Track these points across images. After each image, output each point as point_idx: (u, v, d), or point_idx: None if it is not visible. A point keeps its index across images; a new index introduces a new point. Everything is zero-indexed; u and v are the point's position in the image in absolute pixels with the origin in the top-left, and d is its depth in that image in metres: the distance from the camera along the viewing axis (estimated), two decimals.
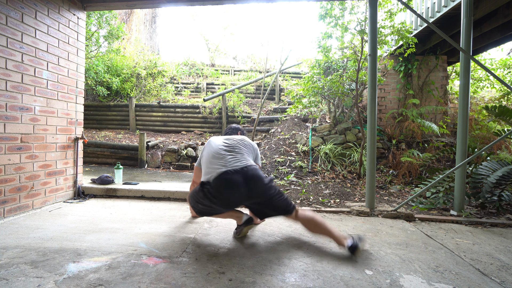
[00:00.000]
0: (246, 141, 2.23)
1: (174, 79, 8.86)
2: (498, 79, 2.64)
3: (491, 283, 1.52)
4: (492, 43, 4.73)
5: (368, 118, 2.88)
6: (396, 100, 5.41)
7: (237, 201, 1.93)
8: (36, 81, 2.67)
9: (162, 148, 5.39)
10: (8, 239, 1.94)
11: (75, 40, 3.16)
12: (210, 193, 1.89)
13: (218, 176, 1.88)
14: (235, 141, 2.16)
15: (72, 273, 1.50)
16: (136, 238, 2.01)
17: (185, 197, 3.16)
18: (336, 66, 4.94)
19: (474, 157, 2.71)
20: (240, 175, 1.87)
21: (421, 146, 4.77)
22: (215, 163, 1.97)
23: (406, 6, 2.78)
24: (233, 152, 2.03)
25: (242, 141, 2.20)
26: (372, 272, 1.60)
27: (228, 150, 2.05)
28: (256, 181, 1.88)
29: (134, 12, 10.36)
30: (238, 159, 1.98)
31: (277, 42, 21.00)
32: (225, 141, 2.15)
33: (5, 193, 2.40)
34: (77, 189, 3.19)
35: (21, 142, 2.53)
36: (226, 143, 2.12)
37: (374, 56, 2.85)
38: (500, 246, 2.07)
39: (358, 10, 3.98)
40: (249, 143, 2.22)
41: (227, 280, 1.47)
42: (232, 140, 2.16)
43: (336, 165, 4.33)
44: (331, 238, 1.89)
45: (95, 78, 6.70)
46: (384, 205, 2.96)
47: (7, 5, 2.36)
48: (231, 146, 2.09)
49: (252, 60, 12.07)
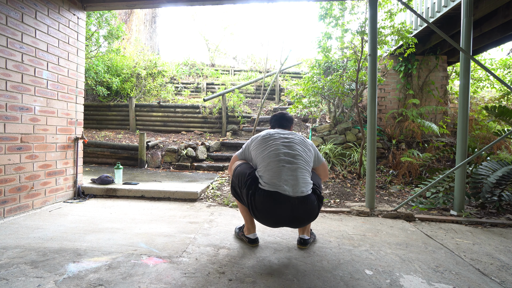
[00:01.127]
0: (306, 142, 1.93)
1: (174, 79, 8.86)
2: (498, 79, 2.64)
3: (491, 283, 1.52)
4: (492, 43, 4.73)
5: (368, 118, 2.88)
6: (396, 100, 5.41)
7: (270, 222, 1.76)
8: (36, 81, 2.66)
9: (162, 148, 5.39)
10: (8, 239, 1.94)
11: (75, 40, 3.16)
12: (253, 195, 1.72)
13: (268, 192, 1.67)
14: (295, 143, 1.84)
15: (72, 273, 1.50)
16: (136, 238, 2.01)
17: (185, 197, 3.17)
18: (336, 66, 4.94)
19: (474, 157, 2.71)
20: (290, 205, 1.66)
21: (421, 146, 4.77)
22: (272, 170, 1.73)
23: (406, 6, 2.78)
24: (290, 163, 1.74)
25: (302, 144, 1.88)
26: (372, 272, 1.60)
27: (286, 160, 1.75)
28: (305, 214, 1.71)
29: (134, 12, 10.36)
30: (295, 177, 1.70)
31: (277, 42, 21.01)
32: (285, 143, 1.83)
33: (5, 193, 2.40)
34: (77, 189, 3.19)
35: (21, 142, 2.53)
36: (286, 146, 1.81)
37: (374, 56, 2.85)
38: (500, 246, 2.07)
39: (358, 10, 3.98)
40: (309, 145, 1.93)
41: (227, 280, 1.47)
42: (292, 142, 1.84)
43: (336, 165, 4.33)
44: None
45: (95, 78, 6.69)
46: (384, 205, 2.96)
47: (7, 5, 2.36)
48: (290, 155, 1.77)
49: (252, 60, 12.07)
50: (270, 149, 1.80)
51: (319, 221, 2.54)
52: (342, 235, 2.21)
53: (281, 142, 1.83)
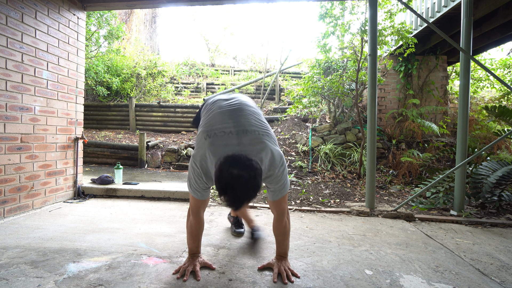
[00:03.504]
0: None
1: (174, 79, 8.85)
2: (498, 79, 2.64)
3: (491, 283, 1.52)
4: (492, 43, 4.73)
5: (368, 118, 2.88)
6: (396, 100, 5.41)
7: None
8: (36, 81, 2.66)
9: (162, 148, 5.39)
10: (8, 239, 1.94)
11: (75, 40, 3.16)
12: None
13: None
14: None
15: (72, 273, 1.50)
16: (136, 238, 2.01)
17: (185, 197, 3.16)
18: (336, 66, 4.94)
19: (474, 157, 2.71)
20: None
21: (421, 146, 4.77)
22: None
23: (406, 6, 2.78)
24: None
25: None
26: (372, 272, 1.60)
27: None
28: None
29: (134, 12, 10.35)
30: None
31: (277, 42, 21.03)
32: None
33: (5, 193, 2.40)
34: (77, 189, 3.19)
35: (21, 142, 2.53)
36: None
37: (374, 56, 2.85)
38: (500, 246, 2.07)
39: (358, 10, 3.98)
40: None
41: (227, 280, 1.47)
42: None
43: (336, 165, 4.33)
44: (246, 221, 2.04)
45: (95, 78, 6.69)
46: (384, 205, 2.96)
47: (7, 5, 2.36)
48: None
49: (252, 60, 12.07)
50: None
51: (319, 221, 2.54)
52: (342, 235, 2.21)
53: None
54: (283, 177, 1.42)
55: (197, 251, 1.61)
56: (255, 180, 1.20)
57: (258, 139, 1.37)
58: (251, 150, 1.33)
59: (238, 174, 1.18)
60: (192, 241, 1.58)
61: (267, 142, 1.39)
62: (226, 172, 1.19)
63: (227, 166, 1.21)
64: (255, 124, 1.45)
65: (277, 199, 1.48)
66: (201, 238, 1.62)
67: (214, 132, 1.39)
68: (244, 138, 1.36)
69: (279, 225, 1.55)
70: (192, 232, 1.56)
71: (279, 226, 1.55)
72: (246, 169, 1.19)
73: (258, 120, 1.49)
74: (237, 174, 1.18)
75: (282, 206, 1.51)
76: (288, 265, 1.57)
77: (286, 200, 1.53)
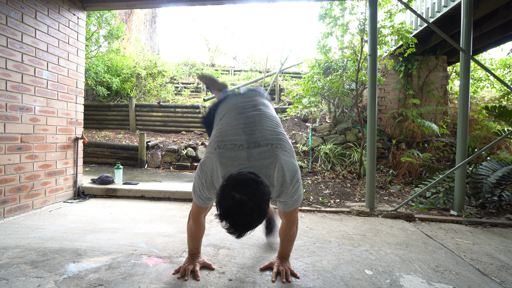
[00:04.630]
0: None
1: (174, 79, 8.85)
2: (498, 79, 2.64)
3: (491, 283, 1.52)
4: (492, 43, 4.73)
5: (368, 118, 2.88)
6: (396, 100, 5.40)
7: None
8: (36, 81, 2.66)
9: (162, 148, 5.39)
10: (8, 239, 1.94)
11: (75, 40, 3.16)
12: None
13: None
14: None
15: (72, 273, 1.50)
16: (136, 238, 2.01)
17: (185, 197, 3.16)
18: (336, 66, 4.94)
19: (474, 157, 2.71)
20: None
21: (421, 146, 4.77)
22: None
23: (406, 6, 2.78)
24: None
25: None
26: (372, 272, 1.60)
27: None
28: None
29: (134, 12, 10.35)
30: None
31: (277, 42, 21.03)
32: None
33: (5, 193, 2.40)
34: (77, 189, 3.19)
35: (21, 142, 2.53)
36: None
37: (374, 56, 2.85)
38: (500, 246, 2.07)
39: (358, 10, 3.98)
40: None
41: (227, 280, 1.47)
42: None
43: (336, 165, 4.33)
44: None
45: (95, 78, 6.69)
46: (384, 205, 2.96)
47: (7, 5, 2.36)
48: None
49: (252, 60, 12.07)
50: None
51: (319, 221, 2.54)
52: (342, 235, 2.21)
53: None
54: (297, 192, 1.34)
55: (197, 251, 1.61)
56: (260, 208, 1.10)
57: (269, 152, 1.29)
58: (260, 165, 1.26)
59: (241, 201, 1.08)
60: (192, 242, 1.58)
61: (280, 155, 1.29)
62: (228, 197, 1.10)
63: (229, 189, 1.11)
64: (268, 134, 1.37)
65: (288, 211, 1.42)
66: (202, 239, 1.62)
67: (224, 144, 1.34)
68: (254, 151, 1.29)
69: (287, 232, 1.52)
70: (192, 235, 1.56)
71: (287, 233, 1.52)
72: (251, 195, 1.09)
73: (273, 129, 1.41)
74: (240, 200, 1.08)
75: (293, 217, 1.46)
76: (288, 265, 1.57)
77: (297, 210, 1.47)
